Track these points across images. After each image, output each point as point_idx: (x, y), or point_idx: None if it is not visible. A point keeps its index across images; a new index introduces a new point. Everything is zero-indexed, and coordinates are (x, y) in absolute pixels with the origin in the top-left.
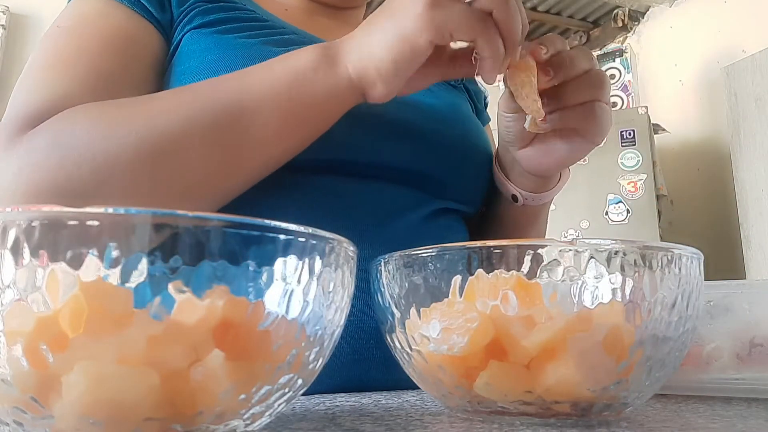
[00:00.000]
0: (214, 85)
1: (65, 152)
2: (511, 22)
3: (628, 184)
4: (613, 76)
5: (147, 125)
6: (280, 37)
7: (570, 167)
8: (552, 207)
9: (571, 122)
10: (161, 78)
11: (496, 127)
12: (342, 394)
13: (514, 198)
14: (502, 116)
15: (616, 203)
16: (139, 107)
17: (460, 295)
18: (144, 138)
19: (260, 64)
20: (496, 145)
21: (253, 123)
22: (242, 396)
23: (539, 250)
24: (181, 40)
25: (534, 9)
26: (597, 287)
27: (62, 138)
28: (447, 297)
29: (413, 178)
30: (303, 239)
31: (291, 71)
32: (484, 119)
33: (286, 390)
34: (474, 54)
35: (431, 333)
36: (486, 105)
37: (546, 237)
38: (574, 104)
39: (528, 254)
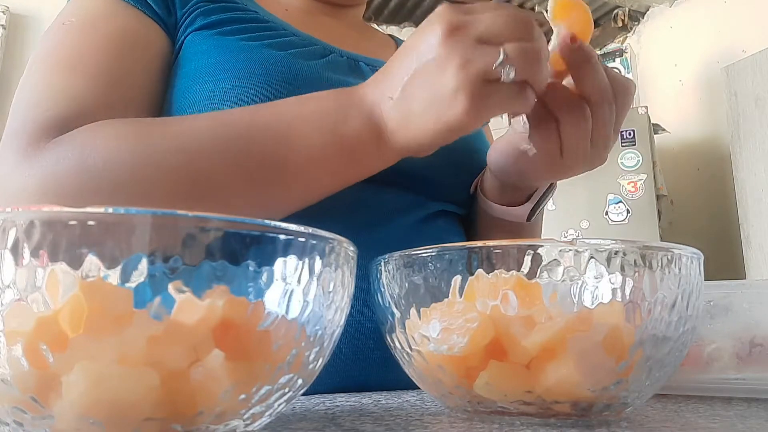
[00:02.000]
0: (256, 124)
1: (97, 177)
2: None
3: (628, 184)
4: None
5: (186, 159)
6: (281, 40)
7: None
8: (552, 207)
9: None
10: (168, 78)
11: (495, 128)
12: (342, 394)
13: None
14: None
15: (616, 203)
16: (176, 137)
17: (460, 295)
18: (182, 175)
19: (306, 109)
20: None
21: (290, 182)
22: (242, 396)
23: (539, 250)
24: (183, 41)
25: (534, 9)
26: (597, 287)
27: (91, 157)
28: (447, 297)
29: (410, 180)
30: (303, 239)
31: (340, 147)
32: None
33: (286, 390)
34: None
35: (431, 333)
36: None
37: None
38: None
39: (528, 254)
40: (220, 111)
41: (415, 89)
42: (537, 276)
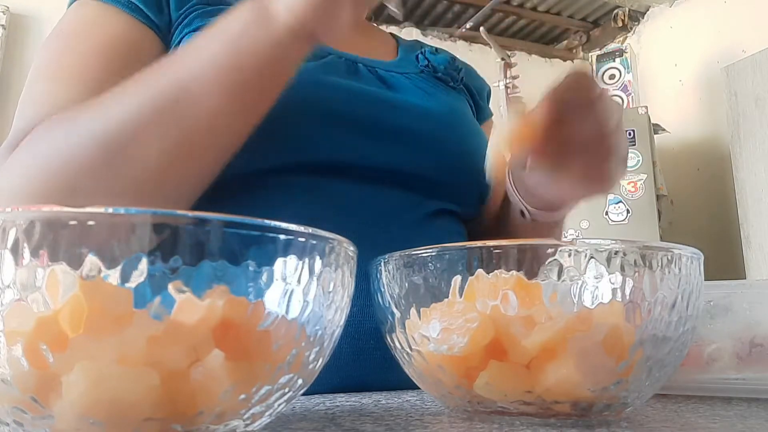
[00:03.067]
0: (157, 69)
1: (42, 164)
2: None
3: (628, 184)
4: (613, 76)
5: (102, 122)
6: None
7: None
8: None
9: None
10: None
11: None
12: (342, 394)
13: (522, 213)
14: (515, 176)
15: (616, 203)
16: (97, 105)
17: (460, 295)
18: (99, 136)
19: (199, 36)
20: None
21: (197, 100)
22: (242, 396)
23: (539, 250)
24: (179, 43)
25: (534, 9)
26: (597, 287)
27: (39, 150)
28: (447, 297)
29: (409, 180)
30: (303, 239)
31: (226, 38)
32: (486, 115)
33: (286, 390)
34: None
35: (431, 333)
36: (488, 100)
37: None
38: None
39: (528, 254)
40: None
41: None
42: (537, 276)
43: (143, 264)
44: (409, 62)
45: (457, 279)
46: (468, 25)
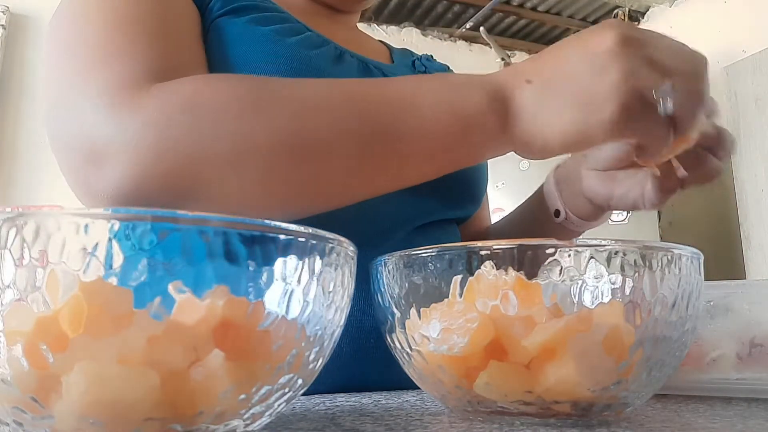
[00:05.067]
0: (372, 95)
1: (203, 121)
2: (692, 131)
3: None
4: None
5: (298, 119)
6: (303, 36)
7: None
8: None
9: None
10: None
11: None
12: (342, 394)
13: (557, 213)
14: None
15: None
16: (289, 96)
17: (460, 295)
18: (292, 132)
19: (425, 85)
20: None
21: (404, 153)
22: (242, 396)
23: (539, 250)
24: (210, 27)
25: (534, 9)
26: (597, 287)
27: (201, 106)
28: (447, 297)
29: (422, 187)
30: (303, 239)
31: (458, 121)
32: None
33: (286, 390)
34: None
35: (431, 333)
36: None
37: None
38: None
39: (528, 254)
40: (335, 79)
41: (562, 80)
42: (537, 276)
43: (143, 264)
44: (405, 67)
45: (457, 279)
46: (468, 25)
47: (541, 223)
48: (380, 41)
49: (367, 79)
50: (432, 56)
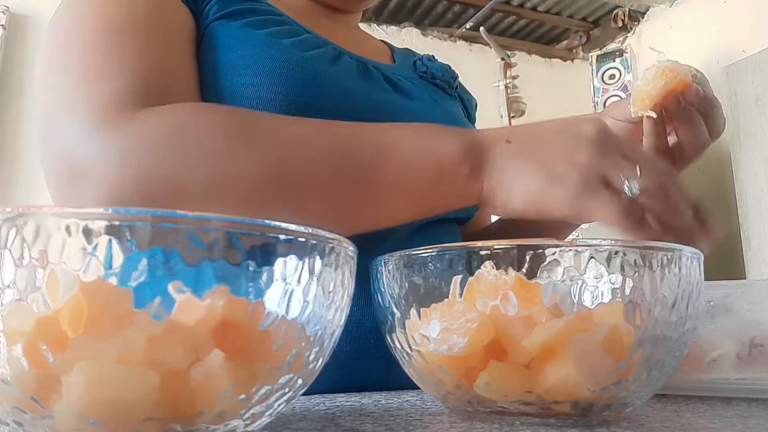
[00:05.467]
0: (356, 139)
1: (187, 149)
2: (671, 218)
3: None
4: (613, 76)
5: (280, 153)
6: (299, 38)
7: None
8: None
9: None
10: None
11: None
12: (342, 394)
13: None
14: (615, 123)
15: None
16: (273, 133)
17: (460, 295)
18: (272, 168)
19: (407, 132)
20: None
21: (379, 198)
22: (242, 396)
23: (539, 250)
24: (205, 31)
25: (534, 9)
26: (597, 287)
27: (186, 134)
28: (447, 297)
29: None
30: (303, 239)
31: (433, 167)
32: (472, 122)
33: (286, 390)
34: None
35: (431, 333)
36: (476, 110)
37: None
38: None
39: (528, 254)
40: (320, 120)
41: (538, 147)
42: (537, 276)
43: (143, 264)
44: (407, 67)
45: (457, 279)
46: (468, 25)
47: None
48: (382, 41)
49: (353, 123)
50: (433, 56)
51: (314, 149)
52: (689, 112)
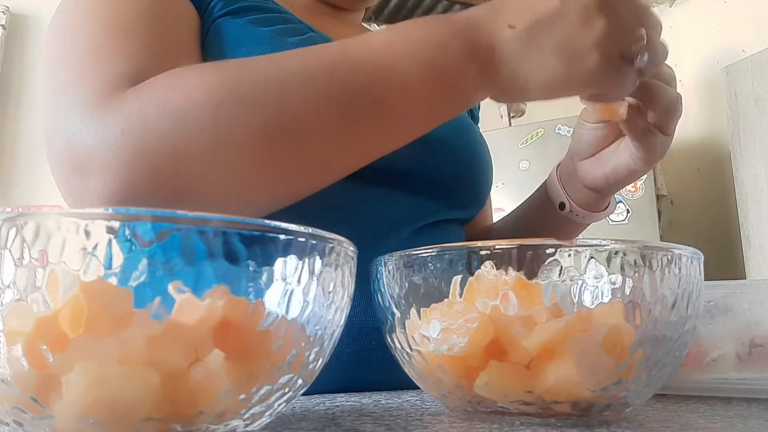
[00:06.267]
0: (346, 61)
1: (178, 120)
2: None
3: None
4: None
5: (276, 100)
6: (305, 36)
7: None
8: None
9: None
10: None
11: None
12: (342, 394)
13: (561, 206)
14: (581, 125)
15: (616, 203)
16: (263, 80)
17: (460, 295)
18: (270, 118)
19: (400, 39)
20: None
21: (387, 118)
22: (242, 396)
23: (539, 250)
24: (210, 28)
25: None
26: (597, 287)
27: (175, 103)
28: (447, 297)
29: (428, 186)
30: (303, 239)
31: (441, 78)
32: (476, 121)
33: (286, 390)
34: None
35: (431, 333)
36: (479, 109)
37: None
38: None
39: (528, 254)
40: (309, 47)
41: (546, 29)
42: (537, 276)
43: (143, 264)
44: None
45: (457, 279)
46: None
47: (545, 217)
48: None
49: (341, 43)
50: None
51: (309, 90)
52: (648, 88)
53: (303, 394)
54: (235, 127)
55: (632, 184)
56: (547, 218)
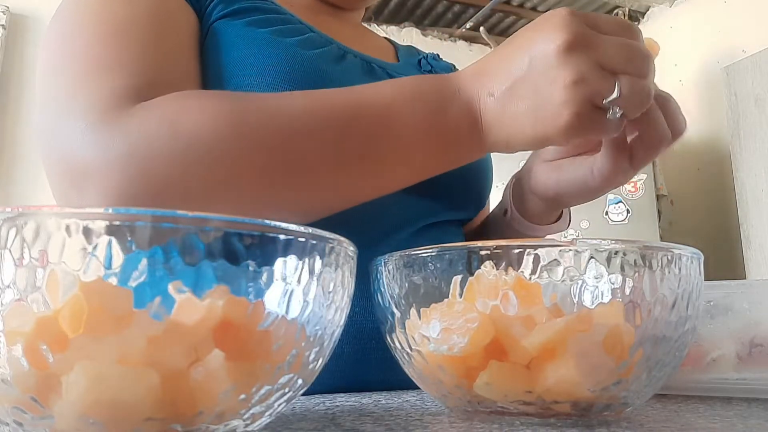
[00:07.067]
0: (353, 109)
1: (187, 143)
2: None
3: (628, 184)
4: None
5: (283, 138)
6: (304, 37)
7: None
8: None
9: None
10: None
11: None
12: (342, 394)
13: (505, 212)
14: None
15: (616, 203)
16: (272, 117)
17: (460, 295)
18: (273, 150)
19: (404, 98)
20: None
21: (391, 164)
22: (242, 396)
23: (539, 250)
24: (209, 30)
25: (534, 9)
26: (597, 287)
27: (184, 127)
28: (447, 297)
29: (423, 186)
30: (303, 239)
31: (437, 138)
32: None
33: (286, 390)
34: None
35: (431, 333)
36: None
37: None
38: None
39: (528, 254)
40: (315, 90)
41: (520, 91)
42: (537, 276)
43: (143, 264)
44: (411, 66)
45: (457, 279)
46: (468, 25)
47: (497, 223)
48: (386, 38)
49: (348, 91)
50: (438, 55)
51: (312, 127)
52: (647, 116)
53: (303, 394)
54: (240, 161)
55: (632, 184)
56: (497, 224)
